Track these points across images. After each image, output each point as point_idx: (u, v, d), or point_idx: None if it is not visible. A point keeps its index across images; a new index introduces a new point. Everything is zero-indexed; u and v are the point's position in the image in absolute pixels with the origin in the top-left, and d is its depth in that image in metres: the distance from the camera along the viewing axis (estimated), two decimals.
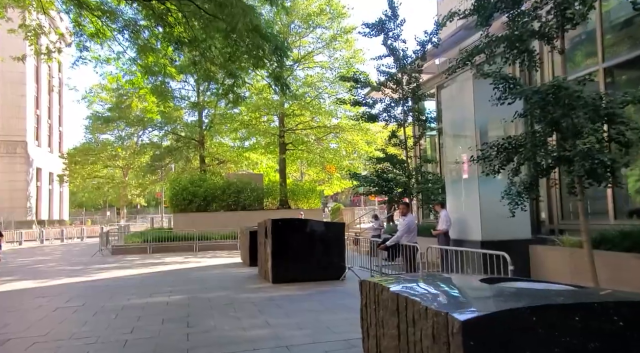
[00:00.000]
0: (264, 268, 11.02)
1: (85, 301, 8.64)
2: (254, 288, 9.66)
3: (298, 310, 7.28)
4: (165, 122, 29.01)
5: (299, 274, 10.17)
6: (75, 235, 33.64)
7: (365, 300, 4.56)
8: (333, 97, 26.33)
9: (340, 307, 7.46)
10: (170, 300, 8.54)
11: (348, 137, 26.38)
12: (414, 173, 12.09)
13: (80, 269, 14.20)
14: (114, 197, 51.06)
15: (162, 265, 14.58)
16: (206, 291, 9.40)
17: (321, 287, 9.52)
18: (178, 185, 24.18)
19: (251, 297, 8.50)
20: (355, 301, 8.17)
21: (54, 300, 8.86)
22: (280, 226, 10.36)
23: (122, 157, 42.16)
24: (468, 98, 9.19)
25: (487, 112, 9.14)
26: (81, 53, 10.58)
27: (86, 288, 10.39)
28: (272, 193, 25.71)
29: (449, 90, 10.24)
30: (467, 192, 9.45)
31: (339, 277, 10.40)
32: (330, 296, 8.51)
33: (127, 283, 10.82)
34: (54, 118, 52.75)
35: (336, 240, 10.61)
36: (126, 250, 19.72)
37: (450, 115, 9.99)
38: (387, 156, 12.38)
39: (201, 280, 11.12)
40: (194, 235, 20.18)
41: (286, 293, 8.88)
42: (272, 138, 27.07)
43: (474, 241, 9.06)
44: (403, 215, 7.96)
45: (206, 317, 6.98)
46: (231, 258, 16.29)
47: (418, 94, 12.08)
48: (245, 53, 10.26)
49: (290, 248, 10.22)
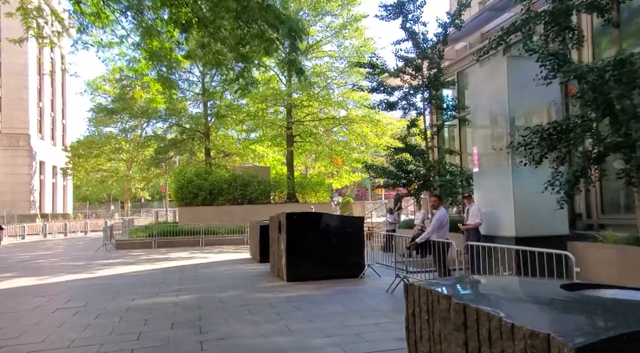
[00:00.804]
0: (277, 266, 10.36)
1: (87, 301, 8.00)
2: (268, 287, 9.00)
3: (320, 313, 6.61)
4: (169, 114, 28.31)
5: (315, 272, 9.51)
6: (79, 229, 33.13)
7: (412, 308, 3.87)
8: (342, 88, 25.59)
9: (366, 309, 6.78)
10: (178, 300, 7.89)
11: (357, 129, 25.62)
12: (435, 164, 11.36)
13: (83, 265, 13.59)
14: (117, 190, 50.61)
15: (168, 261, 13.95)
16: (217, 290, 8.75)
17: (340, 286, 8.85)
18: (183, 178, 23.53)
19: (266, 297, 7.83)
20: (381, 303, 7.50)
21: (53, 300, 8.23)
22: (295, 220, 9.68)
23: (125, 150, 41.57)
24: (501, 81, 8.45)
25: (522, 96, 8.42)
26: (81, 35, 9.86)
27: (88, 286, 9.76)
28: (279, 186, 25.02)
29: (478, 73, 9.50)
30: (499, 184, 8.74)
31: (357, 275, 9.73)
32: (352, 297, 7.83)
33: (132, 281, 10.18)
34: (57, 110, 52.19)
35: (355, 236, 9.93)
36: (131, 244, 19.13)
37: (480, 101, 9.26)
38: (407, 146, 11.66)
39: (210, 277, 10.47)
40: (200, 229, 19.57)
41: (303, 293, 8.21)
42: (279, 130, 26.35)
43: (506, 237, 8.36)
44: (434, 209, 7.25)
45: (220, 320, 6.32)
46: (239, 254, 15.65)
47: (440, 80, 11.33)
48: (256, 36, 9.54)
49: (306, 244, 9.55)
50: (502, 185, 8.59)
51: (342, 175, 28.04)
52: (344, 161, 27.48)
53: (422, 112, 11.75)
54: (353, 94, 25.62)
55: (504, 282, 3.95)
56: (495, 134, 8.85)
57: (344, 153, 25.57)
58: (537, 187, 8.42)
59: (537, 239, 7.84)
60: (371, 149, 26.40)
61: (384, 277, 9.69)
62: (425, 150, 11.85)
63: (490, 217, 8.84)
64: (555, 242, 8.07)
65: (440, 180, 10.90)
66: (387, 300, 7.40)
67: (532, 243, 7.08)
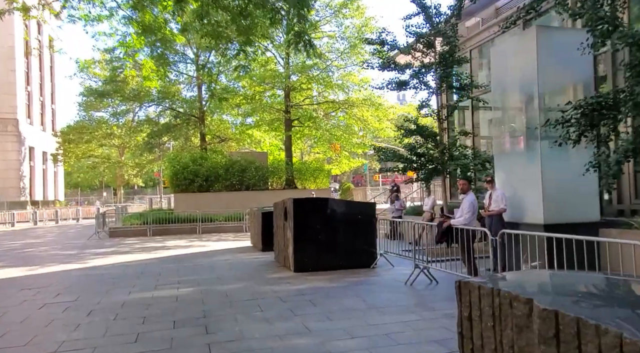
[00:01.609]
0: (282, 255, 9.72)
1: (79, 295, 7.31)
2: (275, 278, 8.35)
3: (338, 308, 5.97)
4: (162, 97, 27.34)
5: (324, 262, 8.88)
6: (71, 217, 32.29)
7: (469, 311, 3.23)
8: (342, 70, 24.74)
9: (387, 304, 6.15)
10: (179, 294, 7.22)
11: (357, 113, 24.85)
12: (449, 147, 10.70)
13: (75, 254, 12.87)
14: (110, 177, 49.61)
15: (165, 250, 13.26)
16: (220, 282, 8.08)
17: (352, 276, 8.23)
18: (178, 163, 22.73)
19: (276, 290, 7.18)
20: (403, 297, 6.51)
21: (41, 294, 7.53)
22: (303, 207, 9.00)
23: (117, 136, 40.49)
24: (530, 54, 7.74)
25: (553, 70, 7.73)
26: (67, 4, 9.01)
27: (80, 277, 9.06)
28: (278, 172, 24.30)
29: (502, 47, 8.78)
30: (524, 167, 8.09)
31: (369, 265, 9.12)
32: (368, 289, 7.21)
33: (127, 272, 9.49)
34: (45, 95, 50.77)
35: (366, 223, 9.29)
36: (124, 232, 18.40)
37: (504, 77, 8.55)
38: (419, 128, 10.96)
39: (211, 268, 9.80)
40: (197, 216, 18.87)
41: (315, 284, 7.58)
42: (276, 114, 25.52)
43: (532, 224, 7.73)
44: (464, 193, 6.59)
45: (227, 318, 5.66)
46: (239, 242, 14.99)
47: (456, 57, 10.59)
48: (260, 5, 8.74)
49: (315, 232, 8.90)
50: (529, 168, 7.94)
51: (341, 161, 27.33)
52: (342, 146, 26.74)
53: (435, 91, 11.04)
54: (352, 77, 24.82)
55: (585, 279, 3.29)
56: (521, 112, 8.18)
57: (344, 137, 24.83)
58: (568, 169, 7.82)
59: (568, 226, 7.24)
60: (371, 133, 25.67)
61: (397, 266, 9.09)
62: (437, 132, 11.17)
63: (514, 202, 8.20)
64: (586, 229, 7.46)
65: (454, 164, 10.25)
66: (408, 294, 6.78)
67: (564, 230, 6.46)
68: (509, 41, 8.66)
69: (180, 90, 29.37)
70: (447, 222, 6.53)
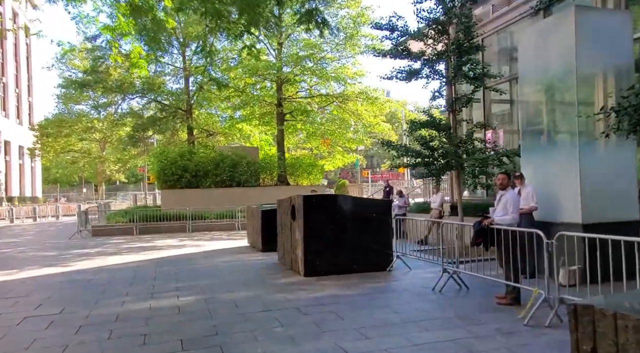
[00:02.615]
0: (289, 257, 8.91)
1: (64, 306, 6.38)
2: (285, 284, 7.54)
3: (369, 322, 5.20)
4: (147, 89, 26.10)
5: (337, 264, 8.12)
6: (50, 214, 30.82)
7: (592, 345, 2.49)
8: (335, 63, 23.91)
9: (423, 316, 5.40)
10: (181, 304, 6.35)
11: (352, 107, 24.08)
12: (465, 140, 10.02)
13: (56, 256, 11.83)
14: (90, 172, 47.92)
15: (155, 251, 12.31)
16: (225, 289, 7.24)
17: (371, 282, 7.48)
18: (166, 158, 21.62)
19: (290, 299, 6.38)
20: (437, 307, 5.74)
21: (20, 305, 6.58)
22: (314, 204, 8.20)
23: (99, 129, 39.00)
24: (567, 38, 7.06)
25: (593, 55, 7.07)
26: None
27: (64, 284, 8.09)
28: (269, 168, 23.38)
29: (532, 32, 8.09)
30: (558, 162, 7.43)
31: (385, 268, 8.38)
32: (394, 297, 6.46)
33: (118, 277, 8.56)
34: (22, 87, 48.76)
35: (381, 222, 8.55)
36: (109, 231, 17.32)
37: (534, 64, 7.87)
38: (432, 120, 10.25)
39: (212, 271, 8.94)
40: (187, 214, 17.88)
41: (332, 291, 6.80)
42: (268, 108, 24.57)
43: (568, 223, 7.08)
44: (503, 189, 5.86)
45: (244, 336, 4.84)
46: (234, 241, 14.11)
47: (473, 44, 9.89)
48: None
49: (327, 232, 8.12)
50: (563, 163, 7.28)
51: (335, 156, 26.54)
52: (335, 141, 25.94)
53: (449, 81, 10.33)
54: (346, 70, 24.02)
55: None
56: (555, 102, 7.51)
57: (338, 132, 24.04)
58: (608, 164, 7.21)
59: (609, 226, 6.60)
60: (366, 128, 24.92)
61: (415, 269, 8.39)
62: (451, 124, 10.47)
63: (545, 200, 7.54)
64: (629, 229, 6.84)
65: (472, 159, 9.56)
66: (441, 303, 6.05)
67: (604, 230, 5.81)
68: (540, 25, 7.98)
69: (165, 82, 28.18)
70: (487, 221, 5.79)
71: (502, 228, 5.67)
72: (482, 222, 5.88)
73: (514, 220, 5.71)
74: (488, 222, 5.80)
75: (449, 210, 12.40)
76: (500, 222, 5.73)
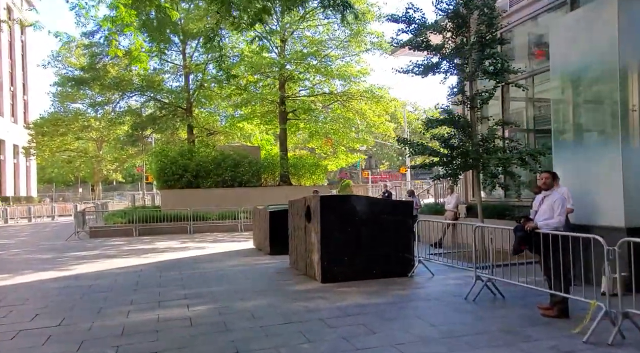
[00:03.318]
0: (303, 261, 8.36)
1: (63, 316, 5.81)
2: (302, 291, 6.98)
3: (406, 337, 4.66)
4: (146, 87, 25.48)
5: (356, 270, 7.58)
6: (45, 214, 30.11)
7: None
8: (339, 60, 23.39)
9: (464, 330, 4.87)
10: (192, 314, 5.78)
11: (356, 106, 23.55)
12: (486, 139, 9.50)
13: (53, 258, 11.23)
14: (87, 172, 47.13)
15: (157, 253, 11.73)
16: (237, 297, 6.67)
17: (395, 289, 6.95)
18: (165, 157, 21.05)
19: (311, 309, 5.82)
20: (475, 319, 5.15)
21: (14, 315, 6.00)
22: (331, 205, 7.66)
23: (95, 128, 38.28)
24: (609, 29, 6.56)
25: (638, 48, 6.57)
26: None
27: (62, 290, 7.51)
28: (272, 167, 22.83)
29: (566, 22, 7.59)
30: (597, 161, 6.92)
31: (406, 273, 7.85)
32: (425, 307, 5.93)
33: (120, 282, 7.99)
34: (17, 85, 48.03)
35: (402, 224, 8.01)
36: (107, 232, 16.71)
37: (569, 57, 7.36)
38: (451, 117, 9.74)
39: (219, 276, 8.37)
40: (188, 214, 17.30)
41: (356, 300, 6.25)
42: (270, 106, 24.00)
43: (609, 227, 6.56)
44: (547, 189, 5.31)
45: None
46: (239, 243, 13.54)
47: (496, 37, 9.39)
48: None
49: (345, 234, 7.58)
50: (603, 162, 6.78)
51: (338, 156, 26.00)
52: (338, 141, 25.39)
53: (469, 76, 9.82)
54: (350, 68, 23.50)
55: None
56: (593, 96, 7.01)
57: (342, 132, 23.49)
58: None
59: None
60: (370, 127, 24.38)
61: (437, 274, 7.88)
62: (470, 122, 9.96)
63: (582, 202, 7.04)
64: None
65: (495, 158, 9.04)
66: (479, 314, 5.51)
67: None
68: (574, 15, 7.48)
69: (165, 79, 27.58)
70: (530, 225, 5.25)
71: (549, 232, 5.13)
72: (524, 226, 5.34)
73: (560, 223, 5.18)
74: (532, 226, 5.26)
75: (465, 212, 11.89)
76: (545, 225, 5.19)
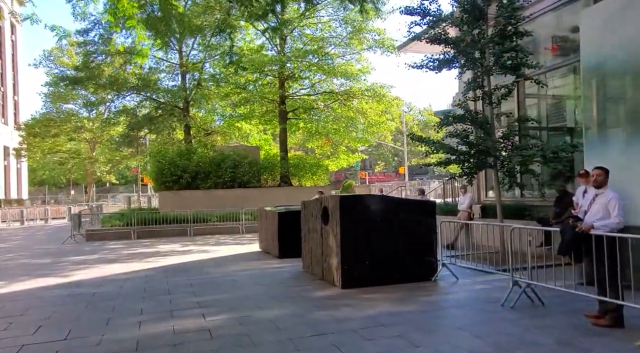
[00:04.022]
0: (319, 266, 7.92)
1: (69, 328, 5.32)
2: (323, 298, 6.54)
3: (452, 351, 4.24)
4: (142, 86, 24.90)
5: (378, 275, 7.17)
6: (38, 217, 29.36)
7: None
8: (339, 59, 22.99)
9: (514, 343, 4.46)
10: (210, 325, 5.31)
11: (357, 105, 23.16)
12: (508, 135, 9.13)
13: (51, 264, 10.68)
14: (79, 174, 46.29)
15: (160, 257, 11.22)
16: (255, 305, 6.22)
17: (420, 294, 6.54)
18: (163, 158, 20.49)
19: (340, 319, 5.38)
20: (520, 328, 4.72)
21: (15, 327, 5.49)
22: (351, 206, 7.23)
23: (89, 129, 37.55)
24: None
25: None
26: None
27: (65, 299, 7.00)
28: (271, 168, 22.35)
29: (598, 12, 7.23)
30: (632, 157, 6.55)
31: (429, 277, 7.44)
32: (461, 315, 5.52)
33: (126, 289, 7.49)
34: (7, 86, 47.09)
35: (424, 226, 7.61)
36: (104, 235, 16.14)
37: (600, 48, 7.00)
38: (468, 113, 9.36)
39: (230, 282, 7.91)
40: (188, 216, 16.78)
41: (385, 308, 5.82)
42: (269, 105, 23.52)
43: None
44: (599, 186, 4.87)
45: None
46: (243, 246, 13.07)
47: (516, 28, 9.01)
48: None
49: (366, 237, 7.16)
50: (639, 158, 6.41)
51: (339, 156, 25.57)
52: (339, 141, 24.97)
53: (489, 70, 9.44)
54: (351, 67, 23.10)
55: None
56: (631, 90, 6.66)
57: (343, 131, 23.06)
58: None
59: None
60: (371, 127, 23.98)
61: (462, 278, 7.49)
62: (489, 118, 9.59)
63: None
64: None
65: (518, 155, 8.67)
66: (523, 323, 5.09)
67: None
68: (607, 4, 7.12)
69: (160, 78, 27.01)
70: (584, 226, 4.81)
71: (604, 235, 4.73)
72: (575, 227, 4.94)
73: (620, 224, 4.76)
74: (586, 228, 4.85)
75: (479, 212, 11.52)
76: (603, 226, 4.78)
